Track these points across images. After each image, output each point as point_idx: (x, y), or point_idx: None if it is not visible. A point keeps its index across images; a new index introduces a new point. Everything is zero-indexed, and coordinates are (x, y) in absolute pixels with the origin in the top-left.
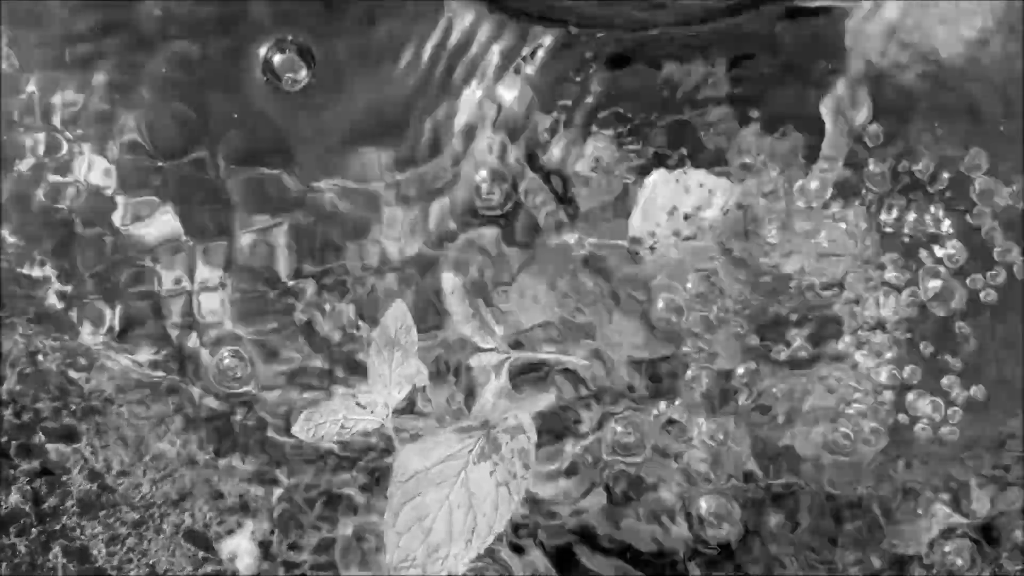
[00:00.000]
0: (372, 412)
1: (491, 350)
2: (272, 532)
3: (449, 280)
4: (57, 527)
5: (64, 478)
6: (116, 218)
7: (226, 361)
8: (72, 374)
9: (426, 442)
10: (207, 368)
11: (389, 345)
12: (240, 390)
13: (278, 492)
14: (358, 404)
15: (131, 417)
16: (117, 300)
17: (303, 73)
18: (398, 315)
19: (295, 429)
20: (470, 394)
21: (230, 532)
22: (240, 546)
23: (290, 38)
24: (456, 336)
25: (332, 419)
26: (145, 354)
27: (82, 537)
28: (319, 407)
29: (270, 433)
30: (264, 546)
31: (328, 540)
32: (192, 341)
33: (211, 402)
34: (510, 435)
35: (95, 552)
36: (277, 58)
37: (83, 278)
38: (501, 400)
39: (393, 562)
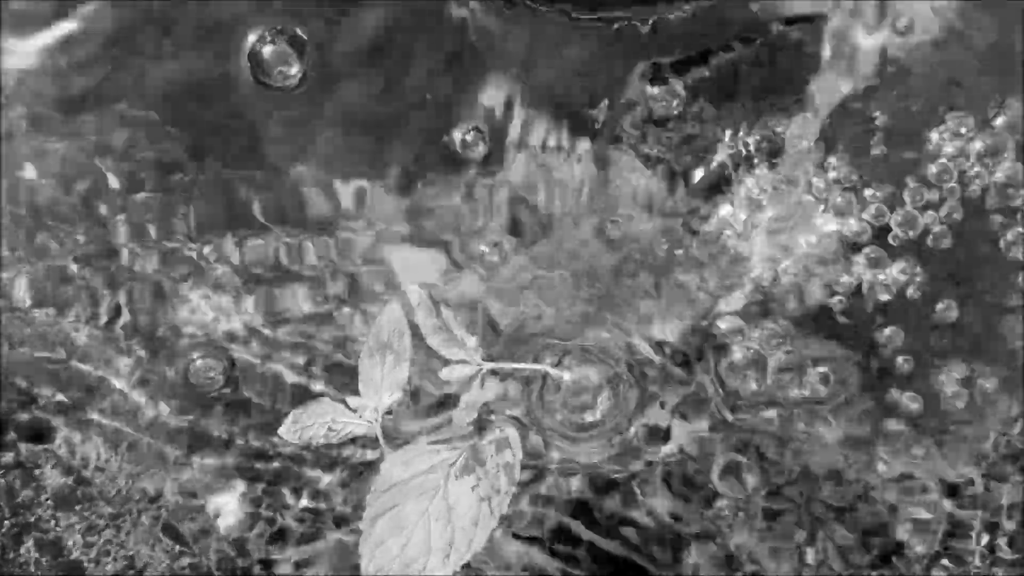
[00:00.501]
0: (361, 416)
1: (462, 362)
2: (250, 528)
3: (415, 292)
4: (32, 519)
5: (38, 472)
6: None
7: (199, 363)
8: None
9: (408, 452)
10: (183, 370)
11: (382, 349)
12: (217, 390)
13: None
14: (347, 407)
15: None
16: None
17: (295, 68)
18: (393, 319)
19: (282, 430)
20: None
21: (219, 489)
22: (227, 505)
23: (279, 28)
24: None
25: (320, 421)
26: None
27: (57, 529)
28: (307, 408)
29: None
30: (241, 543)
31: (309, 535)
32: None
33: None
34: (496, 448)
35: (70, 543)
36: (267, 50)
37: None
38: (475, 414)
39: (367, 572)
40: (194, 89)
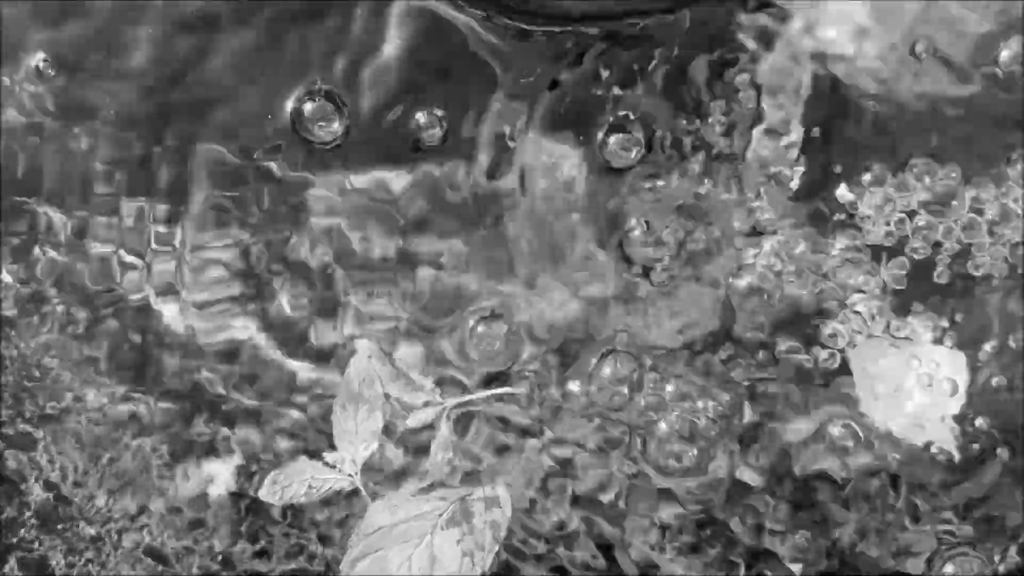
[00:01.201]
0: (340, 470)
1: (426, 404)
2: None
3: (365, 346)
4: (14, 539)
5: (24, 487)
6: None
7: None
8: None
9: (393, 499)
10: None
11: (354, 400)
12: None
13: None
14: (325, 464)
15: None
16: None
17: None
18: (361, 368)
19: (262, 493)
20: None
21: (215, 455)
22: (220, 474)
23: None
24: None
25: (299, 479)
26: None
27: (39, 549)
28: (284, 469)
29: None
30: (226, 559)
31: (294, 549)
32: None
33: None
34: (485, 505)
35: (53, 563)
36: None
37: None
38: (450, 453)
39: None
40: None
